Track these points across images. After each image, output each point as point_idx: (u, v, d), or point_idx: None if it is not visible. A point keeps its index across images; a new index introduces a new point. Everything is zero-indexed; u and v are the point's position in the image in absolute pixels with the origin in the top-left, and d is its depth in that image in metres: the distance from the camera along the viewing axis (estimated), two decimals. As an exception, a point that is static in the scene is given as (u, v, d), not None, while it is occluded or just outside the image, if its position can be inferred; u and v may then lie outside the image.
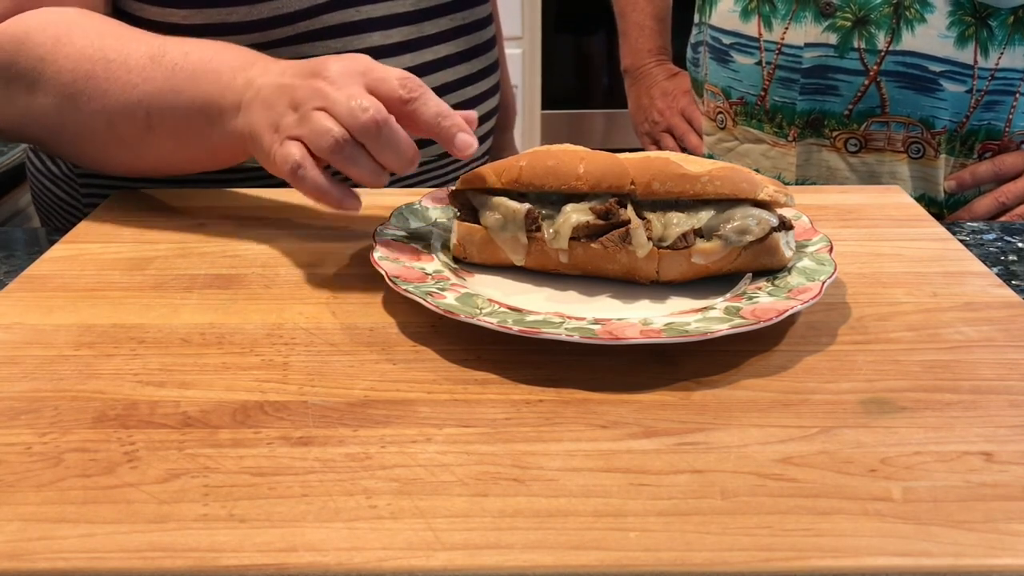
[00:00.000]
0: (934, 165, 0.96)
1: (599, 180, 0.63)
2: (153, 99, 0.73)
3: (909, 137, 0.95)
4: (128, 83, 0.74)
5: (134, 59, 0.74)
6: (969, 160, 0.96)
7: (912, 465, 0.47)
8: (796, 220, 0.69)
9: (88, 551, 0.41)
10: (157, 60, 0.74)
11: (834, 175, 0.99)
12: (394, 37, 0.88)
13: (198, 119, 0.73)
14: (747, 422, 0.50)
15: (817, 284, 0.59)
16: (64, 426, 0.50)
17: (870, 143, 0.96)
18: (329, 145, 0.63)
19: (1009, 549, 0.41)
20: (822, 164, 0.99)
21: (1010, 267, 0.73)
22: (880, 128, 0.95)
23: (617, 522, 0.43)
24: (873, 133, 0.96)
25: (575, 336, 0.54)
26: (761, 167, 1.03)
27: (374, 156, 0.64)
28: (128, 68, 0.74)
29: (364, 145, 0.63)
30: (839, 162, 0.98)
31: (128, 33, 0.77)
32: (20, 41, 0.76)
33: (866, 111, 0.95)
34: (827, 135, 0.98)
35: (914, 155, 0.95)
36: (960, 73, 0.91)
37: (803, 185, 1.00)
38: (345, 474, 0.46)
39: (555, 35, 2.82)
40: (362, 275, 0.67)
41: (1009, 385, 0.54)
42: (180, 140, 0.75)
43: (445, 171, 0.97)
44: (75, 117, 0.76)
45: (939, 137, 0.94)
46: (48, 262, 0.70)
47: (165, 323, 0.61)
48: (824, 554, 0.41)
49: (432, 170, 0.95)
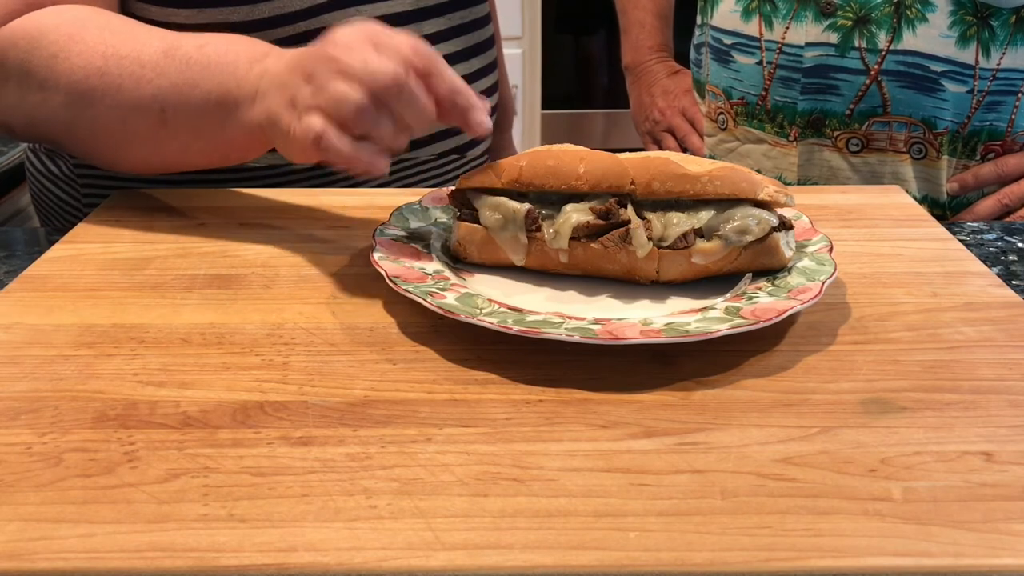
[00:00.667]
0: (936, 166, 0.95)
1: (599, 180, 0.63)
2: (168, 93, 0.73)
3: (911, 137, 0.94)
4: (142, 78, 0.73)
5: (147, 54, 0.73)
6: (971, 162, 0.96)
7: (912, 465, 0.47)
8: (796, 220, 0.69)
9: (88, 551, 0.41)
10: (171, 54, 0.73)
11: (836, 175, 0.99)
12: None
13: (214, 112, 0.72)
14: (747, 422, 0.50)
15: (817, 284, 0.59)
16: (64, 426, 0.50)
17: (872, 143, 0.96)
18: (351, 111, 0.61)
19: (1009, 549, 0.41)
20: (824, 164, 0.99)
21: (1010, 267, 0.73)
22: (882, 128, 0.95)
23: (617, 522, 0.43)
24: (875, 133, 0.96)
25: (575, 336, 0.54)
26: (762, 167, 1.03)
27: (395, 117, 0.62)
28: (141, 63, 0.73)
29: (386, 106, 0.62)
30: (841, 162, 0.98)
31: (140, 29, 0.76)
32: (33, 39, 0.76)
33: (867, 111, 0.95)
34: (828, 135, 0.98)
35: (916, 156, 0.95)
36: (961, 73, 0.91)
37: (804, 185, 1.00)
38: (345, 474, 0.46)
39: (555, 35, 2.82)
40: (362, 275, 0.67)
41: (1009, 385, 0.54)
42: (196, 134, 0.75)
43: (444, 170, 0.97)
44: (88, 113, 0.76)
45: (941, 138, 0.94)
46: (48, 262, 0.70)
47: (165, 323, 0.61)
48: (824, 554, 0.41)
49: (430, 170, 0.96)
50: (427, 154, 0.94)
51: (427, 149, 0.94)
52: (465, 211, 0.67)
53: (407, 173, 0.94)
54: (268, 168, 0.92)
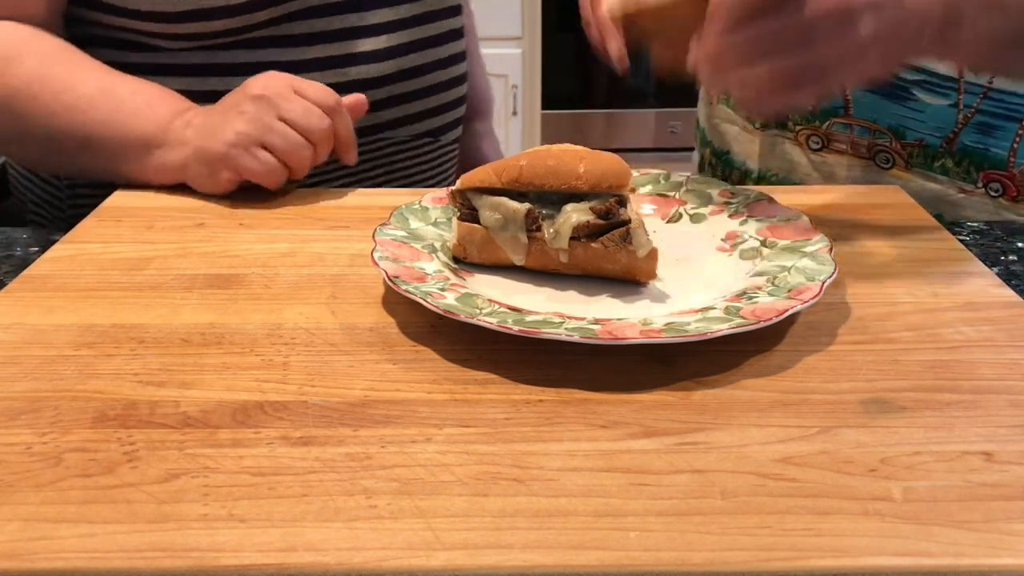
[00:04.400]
0: (903, 178, 0.91)
1: (599, 180, 0.63)
2: (97, 126, 0.83)
3: (876, 144, 0.91)
4: (76, 108, 0.83)
5: (83, 89, 0.83)
6: (968, 185, 0.90)
7: (912, 465, 0.47)
8: (796, 220, 0.69)
9: (88, 551, 0.41)
10: (107, 93, 0.83)
11: (795, 169, 0.97)
12: (369, 20, 0.93)
13: (136, 148, 0.83)
14: (747, 422, 0.50)
15: (817, 284, 0.59)
16: (64, 426, 0.50)
17: (832, 143, 0.94)
18: (298, 150, 0.79)
19: (1009, 549, 0.41)
20: (784, 157, 0.97)
21: (1010, 267, 0.73)
22: (842, 130, 0.93)
23: (617, 522, 0.43)
24: (835, 134, 0.93)
25: (575, 336, 0.54)
26: (732, 151, 1.02)
27: (319, 155, 0.80)
28: (77, 96, 0.83)
29: (315, 145, 0.79)
30: (801, 157, 0.96)
31: (79, 61, 0.85)
32: None
33: (829, 110, 0.93)
34: (791, 128, 0.97)
35: (883, 164, 0.93)
36: (940, 85, 0.87)
37: (769, 176, 0.99)
38: (345, 474, 0.46)
39: (555, 35, 2.82)
40: (362, 275, 0.67)
41: (1009, 385, 0.54)
42: (115, 162, 0.84)
43: (418, 152, 1.01)
44: (17, 128, 0.85)
45: (911, 149, 0.90)
46: (48, 262, 0.70)
47: (165, 323, 0.61)
48: (824, 554, 0.41)
49: (406, 151, 1.00)
50: (402, 135, 0.98)
51: (402, 131, 0.98)
52: (465, 211, 0.67)
53: (382, 153, 0.98)
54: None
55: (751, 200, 0.73)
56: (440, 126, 1.02)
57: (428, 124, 1.00)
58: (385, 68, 0.94)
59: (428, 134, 1.01)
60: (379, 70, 0.94)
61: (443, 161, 1.05)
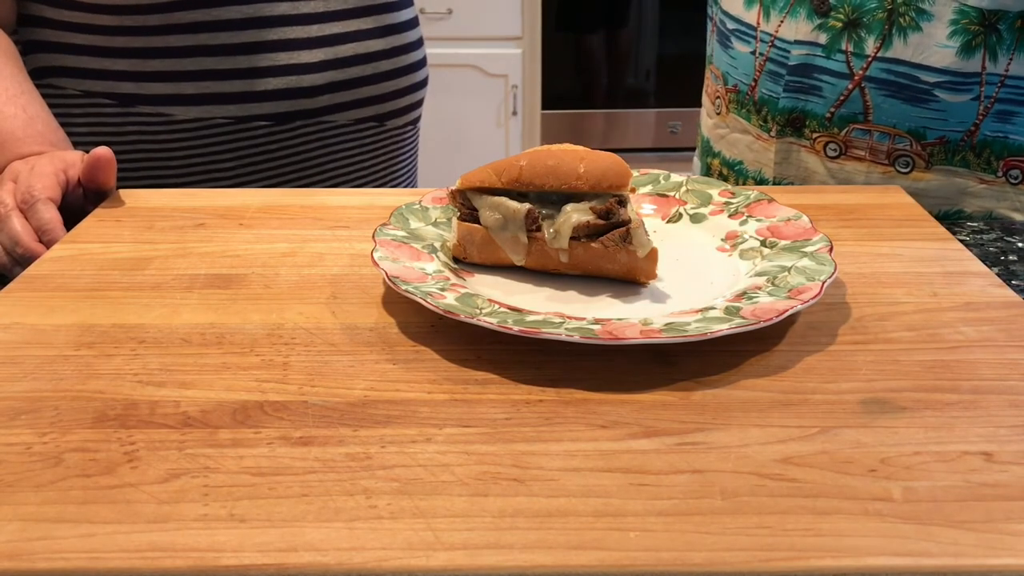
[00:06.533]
0: (923, 180, 0.92)
1: (599, 180, 0.63)
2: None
3: (895, 149, 0.92)
4: None
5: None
6: (988, 175, 0.91)
7: (912, 465, 0.47)
8: (796, 220, 0.69)
9: (88, 551, 0.41)
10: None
11: (811, 177, 0.97)
12: (301, 9, 0.97)
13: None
14: (747, 422, 0.50)
15: (817, 284, 0.59)
16: (64, 426, 0.50)
17: (851, 150, 0.94)
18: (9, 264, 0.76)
19: (1009, 549, 0.41)
20: (800, 164, 0.97)
21: (1010, 267, 0.73)
22: (862, 136, 0.93)
23: (617, 522, 0.43)
24: (854, 140, 0.93)
25: (575, 336, 0.54)
26: (745, 159, 1.02)
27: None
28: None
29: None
30: (818, 165, 0.96)
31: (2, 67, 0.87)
32: None
33: (848, 116, 0.93)
34: (807, 136, 0.96)
35: (902, 169, 0.93)
36: (963, 83, 0.88)
37: (781, 184, 0.99)
38: (345, 474, 0.46)
39: (555, 35, 2.82)
40: (362, 275, 0.67)
41: (1009, 385, 0.54)
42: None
43: (362, 136, 1.05)
44: None
45: (931, 148, 0.91)
46: (48, 262, 0.70)
47: (165, 323, 0.61)
48: (824, 554, 0.41)
49: (349, 135, 1.03)
50: (343, 119, 1.01)
51: (342, 115, 1.02)
52: (465, 211, 0.67)
53: (323, 136, 1.01)
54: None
55: (751, 200, 0.73)
56: (385, 112, 1.05)
57: (372, 110, 1.04)
58: (316, 55, 0.97)
59: (374, 119, 1.04)
60: (311, 56, 0.97)
61: (391, 146, 1.09)
